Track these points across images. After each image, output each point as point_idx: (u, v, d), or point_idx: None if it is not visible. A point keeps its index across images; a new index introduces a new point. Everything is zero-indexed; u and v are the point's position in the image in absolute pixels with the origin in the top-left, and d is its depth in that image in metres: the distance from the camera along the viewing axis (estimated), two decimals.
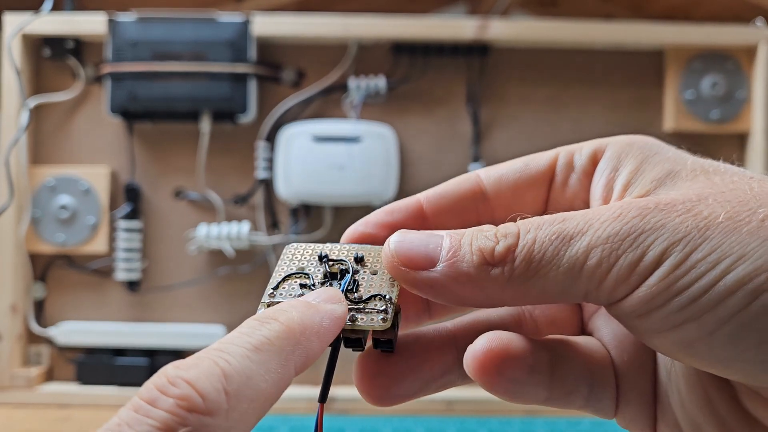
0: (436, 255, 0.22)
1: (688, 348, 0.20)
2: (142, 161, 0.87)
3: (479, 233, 0.22)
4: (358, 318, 0.24)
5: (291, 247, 0.27)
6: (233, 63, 0.83)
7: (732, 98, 0.87)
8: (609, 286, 0.21)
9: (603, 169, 0.25)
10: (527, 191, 0.27)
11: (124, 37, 0.84)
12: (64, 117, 0.87)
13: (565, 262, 0.21)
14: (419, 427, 0.76)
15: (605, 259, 0.20)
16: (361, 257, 0.25)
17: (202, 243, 0.84)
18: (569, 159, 0.26)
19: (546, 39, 0.86)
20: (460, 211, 0.27)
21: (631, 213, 0.21)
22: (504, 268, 0.21)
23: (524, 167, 0.27)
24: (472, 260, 0.22)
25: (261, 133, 0.86)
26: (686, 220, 0.20)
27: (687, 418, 0.24)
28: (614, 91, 0.88)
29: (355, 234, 0.27)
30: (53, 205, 0.85)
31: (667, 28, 0.86)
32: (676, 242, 0.20)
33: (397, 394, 0.25)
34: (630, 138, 0.26)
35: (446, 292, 0.22)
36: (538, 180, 0.27)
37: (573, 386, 0.24)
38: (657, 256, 0.20)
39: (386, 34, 0.85)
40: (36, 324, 0.85)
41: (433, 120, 0.87)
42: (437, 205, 0.27)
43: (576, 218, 0.21)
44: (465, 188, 0.27)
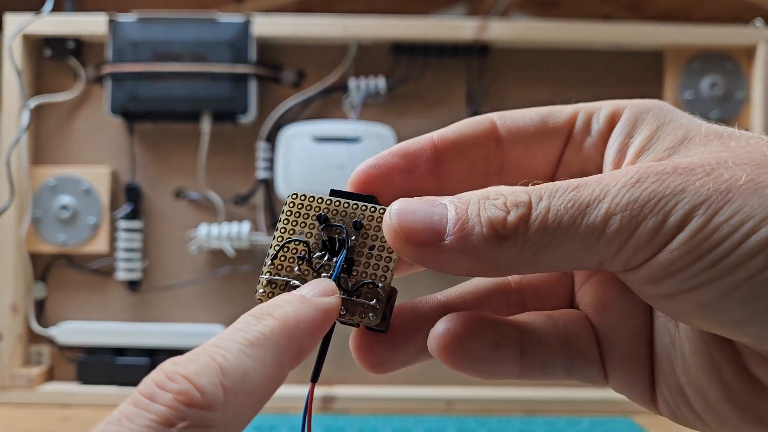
0: (442, 227, 0.21)
1: (702, 310, 0.20)
2: (142, 161, 0.87)
3: (486, 202, 0.21)
4: (350, 309, 0.24)
5: (295, 197, 0.26)
6: (233, 63, 0.83)
7: (731, 98, 0.87)
8: (628, 253, 0.20)
9: (618, 134, 0.25)
10: (541, 147, 0.26)
11: (124, 37, 0.84)
12: (65, 117, 0.88)
13: (582, 231, 0.20)
14: (419, 426, 0.76)
15: (625, 226, 0.20)
16: (360, 224, 0.25)
17: (202, 243, 0.84)
18: (587, 120, 0.26)
19: (546, 39, 0.86)
20: (471, 158, 0.26)
21: (650, 178, 0.20)
22: (517, 240, 0.21)
23: (542, 122, 0.26)
24: (481, 233, 0.21)
25: (261, 133, 0.86)
26: (707, 183, 0.20)
27: (691, 382, 0.23)
28: (614, 92, 0.88)
29: (366, 175, 0.26)
30: (54, 205, 0.85)
31: (666, 29, 0.86)
32: (698, 205, 0.19)
33: (392, 362, 0.25)
34: (646, 103, 0.25)
35: (452, 266, 0.22)
36: (554, 138, 0.26)
37: (547, 359, 0.24)
38: (679, 220, 0.19)
39: (386, 35, 0.85)
40: (36, 324, 0.85)
41: (433, 120, 0.88)
42: (450, 149, 0.26)
43: (590, 184, 0.21)
44: (479, 133, 0.26)
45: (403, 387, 0.84)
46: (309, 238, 0.25)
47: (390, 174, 0.26)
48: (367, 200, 0.25)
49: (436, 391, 0.83)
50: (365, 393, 0.82)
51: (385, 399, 0.82)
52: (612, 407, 0.82)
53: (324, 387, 0.83)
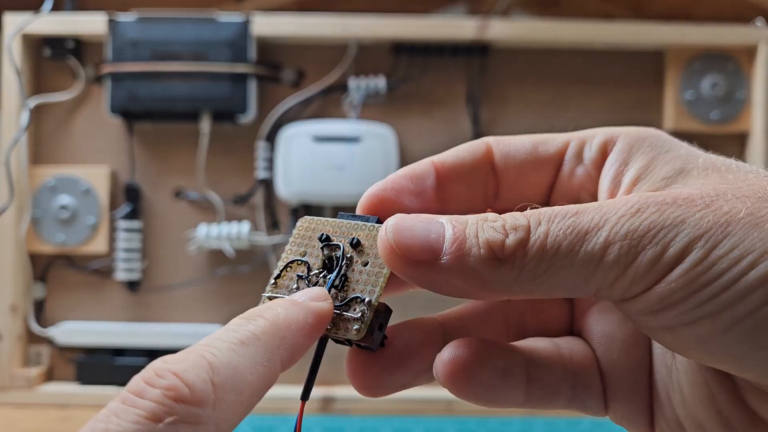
0: (439, 246, 0.21)
1: (701, 344, 0.20)
2: (142, 161, 0.87)
3: (484, 223, 0.21)
4: (337, 324, 0.24)
5: (304, 220, 0.27)
6: (233, 63, 0.83)
7: (732, 98, 0.87)
8: (625, 283, 0.20)
9: (612, 162, 0.24)
10: (533, 173, 0.26)
11: (124, 37, 0.84)
12: (64, 117, 0.87)
13: (581, 259, 0.20)
14: (419, 427, 0.76)
15: (624, 255, 0.20)
16: (357, 242, 0.25)
17: (202, 243, 0.84)
18: (579, 149, 0.26)
19: (546, 39, 0.86)
20: (470, 181, 0.26)
21: (650, 209, 0.20)
22: (514, 264, 0.20)
23: (533, 150, 0.26)
24: (479, 254, 0.20)
25: (261, 133, 0.86)
26: (707, 215, 0.20)
27: (689, 415, 0.23)
28: (614, 92, 0.88)
29: (376, 198, 0.26)
30: (53, 205, 0.85)
31: (667, 29, 0.86)
32: (698, 237, 0.19)
33: (387, 386, 0.25)
34: (641, 132, 0.25)
35: (448, 286, 0.21)
36: (546, 165, 0.26)
37: (553, 389, 0.24)
38: (678, 252, 0.19)
39: (386, 34, 0.85)
40: (36, 324, 0.85)
41: (433, 120, 0.87)
42: (450, 173, 0.26)
43: (590, 212, 0.20)
44: (477, 157, 0.26)
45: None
46: (311, 258, 0.26)
47: (399, 196, 0.25)
48: (372, 220, 0.25)
49: (436, 391, 0.83)
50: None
51: (385, 399, 0.82)
52: None
53: (324, 387, 0.83)
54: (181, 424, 0.18)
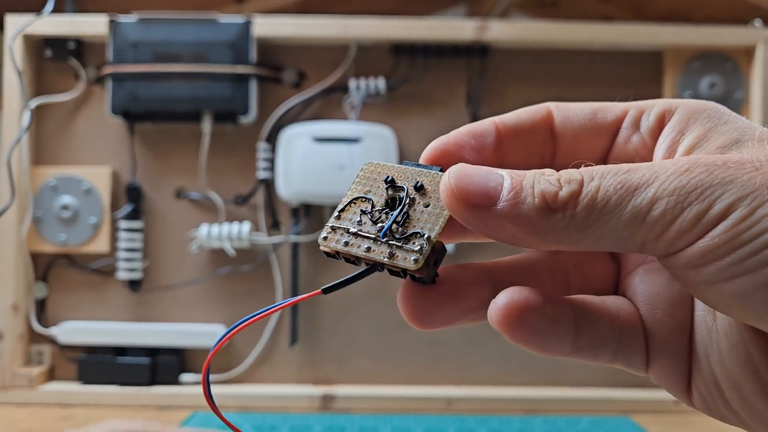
0: (497, 193, 0.22)
1: (740, 300, 0.20)
2: (143, 161, 0.87)
3: (541, 176, 0.22)
4: (396, 254, 0.25)
5: (369, 164, 0.28)
6: (234, 64, 0.83)
7: (730, 99, 0.87)
8: (670, 237, 0.21)
9: (669, 131, 0.25)
10: (591, 139, 0.27)
11: (125, 38, 0.84)
12: (66, 118, 0.88)
13: (628, 212, 0.21)
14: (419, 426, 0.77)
15: (670, 210, 0.20)
16: (420, 186, 0.26)
17: (203, 243, 0.84)
18: (637, 117, 0.26)
19: (545, 40, 0.86)
20: (529, 142, 0.27)
21: (699, 168, 0.21)
22: (565, 213, 0.21)
23: (592, 116, 0.27)
24: (533, 203, 0.22)
25: (262, 133, 0.86)
26: (755, 177, 0.20)
27: (726, 376, 0.24)
28: (613, 92, 0.88)
29: (438, 151, 0.27)
30: (55, 205, 0.86)
31: (666, 29, 0.86)
32: (744, 197, 0.20)
33: (435, 319, 0.26)
34: (700, 104, 0.25)
35: (502, 232, 0.23)
36: (603, 132, 0.27)
37: (599, 340, 0.25)
38: (723, 209, 0.20)
39: (386, 36, 0.85)
40: (37, 323, 0.85)
41: (433, 121, 0.88)
42: (510, 133, 0.27)
43: (641, 169, 0.21)
44: (537, 120, 0.27)
45: (403, 386, 0.85)
46: (375, 196, 0.27)
47: (460, 150, 0.27)
48: (434, 169, 0.27)
49: (436, 390, 0.84)
50: (365, 392, 0.82)
51: (385, 398, 0.82)
52: (611, 406, 0.83)
53: (324, 387, 0.83)
54: None
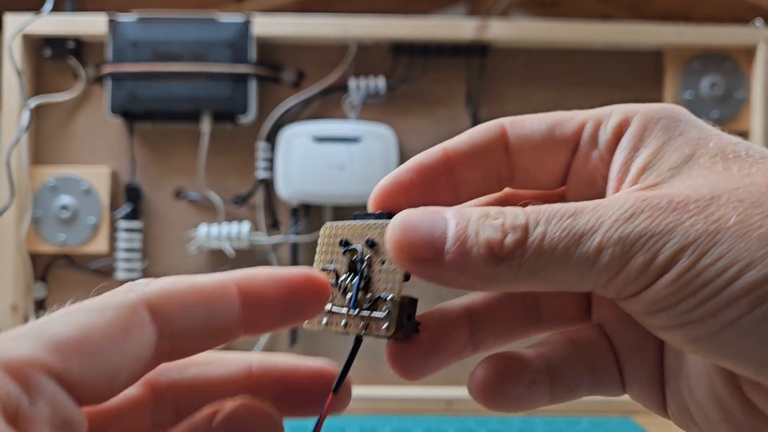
0: (442, 243, 0.22)
1: (694, 344, 0.21)
2: (142, 161, 0.87)
3: (486, 221, 0.22)
4: (370, 325, 0.25)
5: (325, 228, 0.27)
6: (233, 63, 0.83)
7: (731, 98, 0.87)
8: (619, 285, 0.21)
9: (623, 147, 0.25)
10: (548, 156, 0.26)
11: (124, 37, 0.84)
12: (65, 117, 0.88)
13: (576, 260, 0.21)
14: (419, 426, 0.76)
15: (615, 260, 0.20)
16: (372, 242, 0.26)
17: (202, 243, 0.84)
18: (594, 131, 0.26)
19: (545, 39, 0.86)
20: (484, 165, 0.26)
21: (643, 215, 0.21)
22: (512, 262, 0.21)
23: (549, 132, 0.26)
24: (479, 253, 0.21)
25: (261, 133, 0.86)
26: (697, 222, 0.20)
27: (694, 401, 0.24)
28: (613, 92, 0.88)
29: (384, 193, 0.26)
30: (54, 205, 0.85)
31: (666, 29, 0.86)
32: (687, 246, 0.20)
33: (424, 371, 0.26)
34: (657, 111, 0.25)
35: (453, 282, 0.22)
36: (561, 147, 0.26)
37: (575, 383, 0.26)
38: (667, 260, 0.20)
39: (386, 35, 0.85)
40: None
41: (432, 120, 0.88)
42: (463, 158, 0.26)
43: (587, 213, 0.21)
44: (490, 140, 0.27)
45: (403, 387, 0.84)
46: (338, 264, 0.26)
47: (407, 189, 0.26)
48: (384, 217, 0.26)
49: (436, 391, 0.83)
50: (365, 393, 0.82)
51: (385, 399, 0.82)
52: (612, 407, 0.82)
53: None
54: None
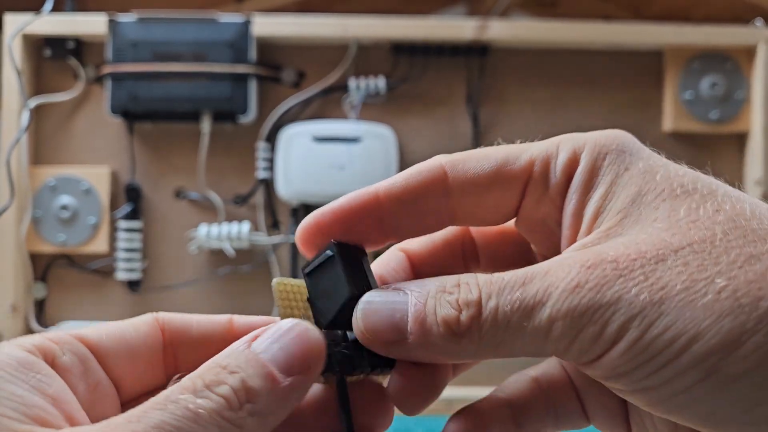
0: (404, 326, 0.23)
1: (651, 407, 0.22)
2: (142, 161, 0.87)
3: (442, 297, 0.22)
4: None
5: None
6: (234, 63, 0.83)
7: (731, 98, 0.87)
8: (573, 354, 0.21)
9: (574, 190, 0.24)
10: (495, 199, 0.25)
11: (124, 37, 0.84)
12: (65, 117, 0.88)
13: (530, 332, 0.21)
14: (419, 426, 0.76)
15: (567, 331, 0.21)
16: None
17: (202, 243, 0.84)
18: (544, 172, 0.25)
19: (545, 39, 0.86)
20: (419, 210, 0.25)
21: (589, 284, 0.21)
22: (471, 338, 0.22)
23: (495, 175, 0.25)
24: (439, 331, 0.22)
25: (261, 133, 0.86)
26: (642, 291, 0.20)
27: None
28: (613, 92, 0.88)
29: (307, 234, 0.25)
30: (54, 205, 0.85)
31: (666, 29, 0.86)
32: (633, 317, 0.20)
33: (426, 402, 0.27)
34: (605, 143, 0.25)
35: (422, 357, 0.23)
36: (509, 190, 0.25)
37: (540, 425, 0.26)
38: (615, 332, 0.21)
39: (386, 35, 0.85)
40: (37, 324, 0.85)
41: (432, 120, 0.88)
42: (396, 203, 0.25)
43: (536, 282, 0.22)
44: (428, 184, 0.25)
45: None
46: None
47: (330, 231, 0.25)
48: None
49: None
50: None
51: None
52: None
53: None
54: None
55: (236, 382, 0.20)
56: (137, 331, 0.26)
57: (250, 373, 0.21)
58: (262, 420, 0.20)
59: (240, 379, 0.20)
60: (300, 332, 0.22)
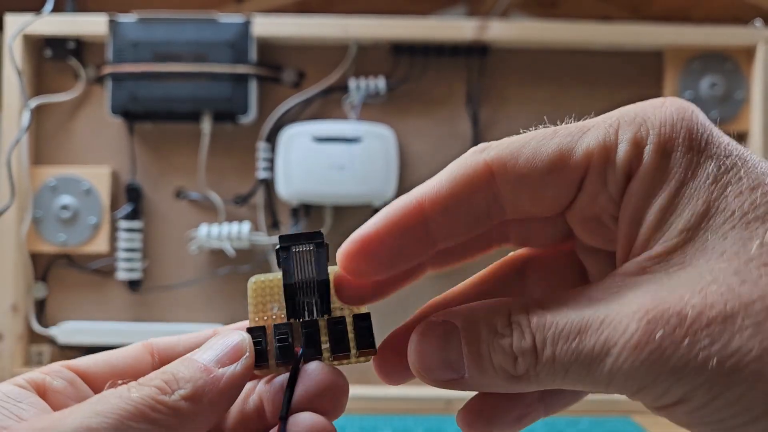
0: (459, 366, 0.23)
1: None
2: (143, 161, 0.87)
3: (494, 340, 0.22)
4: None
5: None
6: (234, 64, 0.83)
7: (731, 99, 0.87)
8: (634, 398, 0.21)
9: (636, 190, 0.22)
10: (549, 194, 0.23)
11: (125, 37, 0.84)
12: (66, 117, 0.88)
13: (590, 382, 0.21)
14: (419, 426, 0.77)
15: (627, 386, 0.21)
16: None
17: (202, 243, 0.84)
18: (602, 166, 0.23)
19: (545, 40, 0.86)
20: (467, 215, 0.24)
21: (650, 346, 0.20)
22: (529, 380, 0.22)
23: (549, 171, 0.23)
24: (496, 375, 0.22)
25: (261, 133, 0.86)
26: (710, 358, 0.19)
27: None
28: (613, 92, 0.88)
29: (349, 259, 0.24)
30: (54, 205, 0.86)
31: (665, 29, 0.86)
32: (699, 385, 0.19)
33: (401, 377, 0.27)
34: (670, 133, 0.22)
35: (480, 389, 0.24)
36: (565, 185, 0.23)
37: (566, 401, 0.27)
38: (679, 396, 0.20)
39: (386, 35, 0.85)
40: (37, 323, 0.85)
41: (432, 120, 0.88)
42: (443, 209, 0.23)
43: (592, 334, 0.21)
44: (474, 186, 0.23)
45: (403, 387, 0.84)
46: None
47: (377, 252, 0.24)
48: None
49: (436, 390, 0.83)
50: (365, 393, 0.82)
51: (385, 399, 0.82)
52: (612, 407, 0.83)
53: None
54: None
55: (168, 375, 0.22)
56: (126, 356, 0.27)
57: (182, 369, 0.23)
58: (197, 405, 0.22)
59: (171, 373, 0.23)
60: (228, 334, 0.25)
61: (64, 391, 0.25)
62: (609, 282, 0.22)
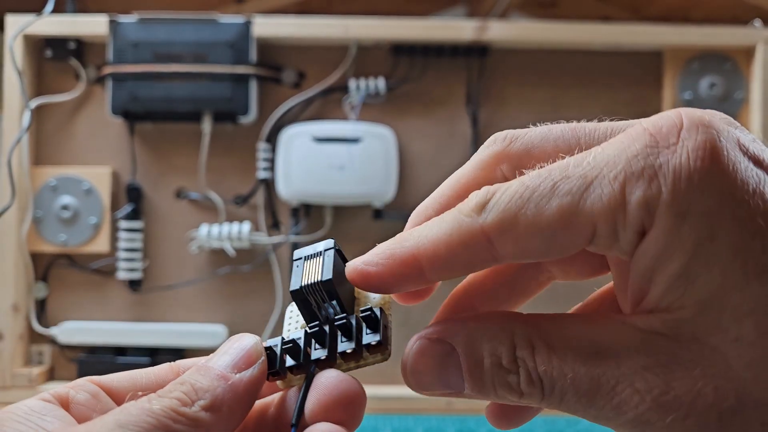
0: (459, 386, 0.23)
1: None
2: (143, 162, 0.88)
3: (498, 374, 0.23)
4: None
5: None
6: (234, 64, 0.84)
7: (730, 99, 0.87)
8: None
9: (646, 251, 0.21)
10: (553, 256, 0.22)
11: (125, 38, 0.84)
12: (66, 118, 0.88)
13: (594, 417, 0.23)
14: (419, 426, 0.77)
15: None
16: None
17: (203, 243, 0.84)
18: (610, 233, 0.21)
19: (545, 40, 0.86)
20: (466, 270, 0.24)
21: (659, 424, 0.20)
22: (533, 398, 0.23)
23: (551, 239, 0.21)
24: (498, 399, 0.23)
25: (262, 133, 0.86)
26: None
27: None
28: (613, 92, 0.89)
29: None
30: (55, 205, 0.86)
31: (665, 30, 0.86)
32: None
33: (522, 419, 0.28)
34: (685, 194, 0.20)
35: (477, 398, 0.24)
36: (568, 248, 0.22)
37: None
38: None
39: (386, 36, 0.85)
40: (38, 323, 0.85)
41: (432, 121, 0.88)
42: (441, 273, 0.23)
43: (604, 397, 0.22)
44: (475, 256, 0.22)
45: (403, 387, 0.84)
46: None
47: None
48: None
49: None
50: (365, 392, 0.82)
51: (385, 399, 0.82)
52: None
53: None
54: None
55: (187, 387, 0.23)
56: (149, 373, 0.28)
57: (200, 378, 0.23)
58: (217, 414, 0.22)
59: (190, 383, 0.23)
60: (241, 337, 0.25)
61: (87, 403, 0.25)
62: (617, 330, 0.22)
